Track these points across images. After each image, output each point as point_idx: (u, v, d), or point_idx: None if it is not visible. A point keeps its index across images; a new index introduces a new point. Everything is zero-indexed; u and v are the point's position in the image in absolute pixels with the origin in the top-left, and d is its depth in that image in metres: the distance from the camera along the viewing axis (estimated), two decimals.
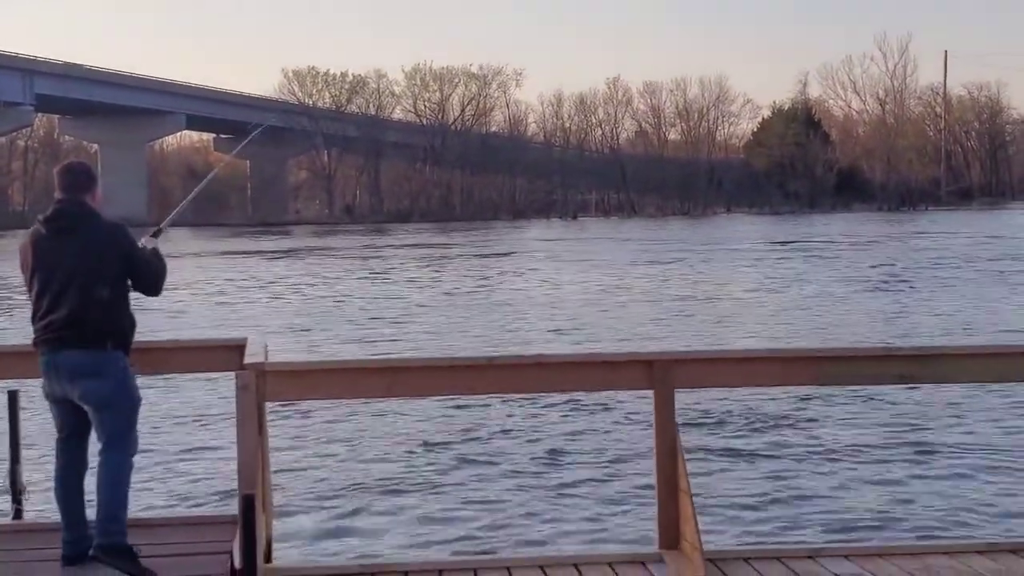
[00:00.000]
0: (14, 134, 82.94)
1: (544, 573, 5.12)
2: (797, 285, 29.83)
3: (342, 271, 38.77)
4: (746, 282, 31.42)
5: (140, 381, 5.19)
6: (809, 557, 5.34)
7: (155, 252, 5.17)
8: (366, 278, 35.43)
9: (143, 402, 5.15)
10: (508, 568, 5.22)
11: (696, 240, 55.45)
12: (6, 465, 6.18)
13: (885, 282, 30.07)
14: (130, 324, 5.02)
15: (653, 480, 5.46)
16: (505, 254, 47.65)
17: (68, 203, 4.91)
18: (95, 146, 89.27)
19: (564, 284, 32.21)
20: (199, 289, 31.67)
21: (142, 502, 7.90)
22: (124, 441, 4.91)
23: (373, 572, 5.19)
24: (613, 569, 5.16)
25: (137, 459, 5.14)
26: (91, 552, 4.80)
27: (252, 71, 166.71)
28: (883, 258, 39.03)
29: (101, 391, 4.81)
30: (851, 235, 56.72)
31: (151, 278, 5.04)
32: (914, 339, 18.56)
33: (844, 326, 20.95)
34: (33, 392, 5.92)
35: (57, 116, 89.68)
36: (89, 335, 4.80)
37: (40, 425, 8.13)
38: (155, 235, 5.39)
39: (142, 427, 5.26)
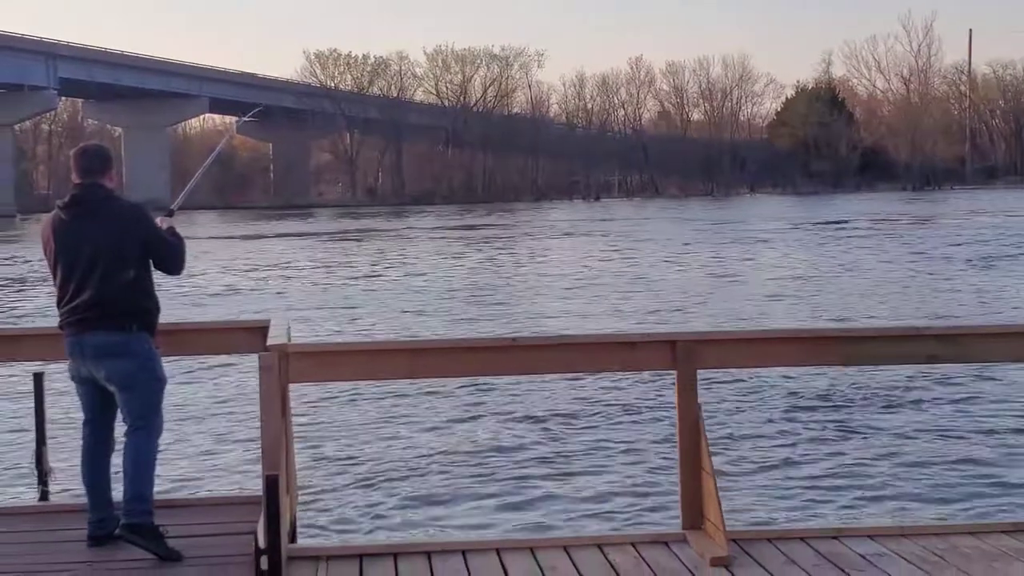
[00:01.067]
0: (38, 118, 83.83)
1: (568, 554, 5.07)
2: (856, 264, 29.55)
3: (367, 253, 38.80)
4: (792, 261, 31.20)
5: (165, 363, 5.19)
6: (833, 537, 5.28)
7: (172, 231, 5.15)
8: (392, 259, 35.45)
9: (168, 383, 5.15)
10: (531, 548, 5.18)
11: (729, 219, 55.19)
12: (32, 447, 6.20)
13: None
14: (155, 305, 5.02)
15: (676, 460, 5.42)
16: (528, 235, 47.64)
17: (86, 187, 4.89)
18: (118, 130, 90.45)
19: (597, 264, 32.13)
20: (222, 271, 31.73)
21: (167, 483, 7.95)
22: (149, 421, 4.92)
23: (396, 552, 5.17)
24: (636, 549, 5.12)
25: (162, 440, 5.15)
26: (117, 532, 4.83)
27: (274, 54, 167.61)
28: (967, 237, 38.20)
29: (126, 371, 4.82)
30: (908, 214, 56.16)
31: (173, 257, 5.03)
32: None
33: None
34: (60, 375, 5.95)
35: (81, 100, 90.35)
36: (114, 316, 4.80)
37: (66, 407, 8.17)
38: (168, 215, 5.38)
39: (167, 408, 5.26)
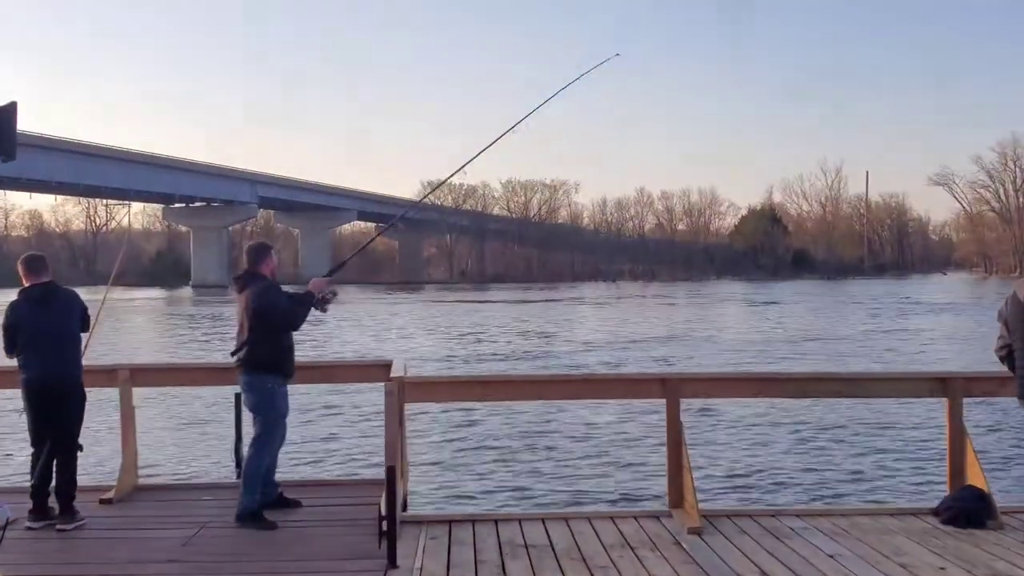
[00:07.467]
0: (244, 223, 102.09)
1: (590, 523, 5.71)
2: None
3: (461, 315, 42.19)
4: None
5: (322, 388, 6.09)
6: (772, 516, 6.03)
7: (300, 300, 6.00)
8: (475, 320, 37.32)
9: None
10: (566, 519, 5.82)
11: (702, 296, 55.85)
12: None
13: None
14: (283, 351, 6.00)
15: (665, 460, 6.40)
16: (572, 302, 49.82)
17: (245, 272, 6.17)
18: (296, 231, 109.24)
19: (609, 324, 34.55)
20: (359, 326, 35.12)
21: (319, 467, 9.39)
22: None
23: (474, 520, 5.93)
24: (637, 520, 5.88)
25: (313, 437, 6.01)
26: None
27: (399, 181, 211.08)
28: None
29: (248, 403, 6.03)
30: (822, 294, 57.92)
31: (274, 318, 5.87)
32: None
33: None
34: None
35: (272, 211, 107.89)
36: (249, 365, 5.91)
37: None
38: (328, 275, 6.40)
39: (316, 421, 6.16)
